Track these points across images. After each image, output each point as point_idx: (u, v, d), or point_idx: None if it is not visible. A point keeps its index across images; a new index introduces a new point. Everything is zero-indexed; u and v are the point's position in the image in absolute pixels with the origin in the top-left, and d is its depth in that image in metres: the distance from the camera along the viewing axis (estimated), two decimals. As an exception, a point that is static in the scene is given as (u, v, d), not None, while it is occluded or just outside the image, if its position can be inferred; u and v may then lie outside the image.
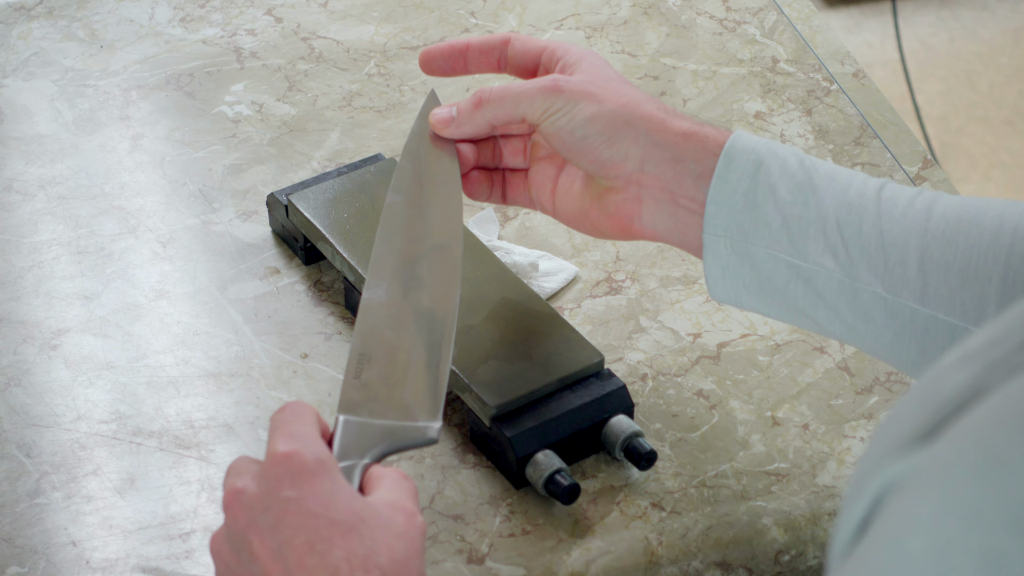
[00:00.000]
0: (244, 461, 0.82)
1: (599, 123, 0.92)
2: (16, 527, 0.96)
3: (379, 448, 0.85)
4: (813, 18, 1.34)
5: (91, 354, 1.06)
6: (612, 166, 0.93)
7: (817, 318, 0.91)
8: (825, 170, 0.91)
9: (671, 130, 0.92)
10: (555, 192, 0.98)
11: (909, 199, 0.89)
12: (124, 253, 1.13)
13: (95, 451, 1.00)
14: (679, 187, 0.92)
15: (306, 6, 1.33)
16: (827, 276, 0.89)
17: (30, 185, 1.18)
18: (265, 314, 1.09)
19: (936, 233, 0.88)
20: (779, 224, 0.90)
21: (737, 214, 0.90)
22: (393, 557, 0.78)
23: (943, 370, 0.59)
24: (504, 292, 1.03)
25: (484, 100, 0.95)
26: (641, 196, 0.93)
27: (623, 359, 1.06)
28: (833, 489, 0.98)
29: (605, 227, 0.96)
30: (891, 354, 0.90)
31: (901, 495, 0.55)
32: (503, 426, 0.97)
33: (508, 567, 0.94)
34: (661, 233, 0.94)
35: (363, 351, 0.89)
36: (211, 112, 1.24)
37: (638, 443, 0.97)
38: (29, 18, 1.32)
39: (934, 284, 0.87)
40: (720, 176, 0.90)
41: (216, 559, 0.81)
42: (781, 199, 0.90)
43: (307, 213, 1.09)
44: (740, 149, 0.91)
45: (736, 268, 0.91)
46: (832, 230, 0.89)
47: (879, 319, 0.89)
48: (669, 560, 0.95)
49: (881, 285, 0.88)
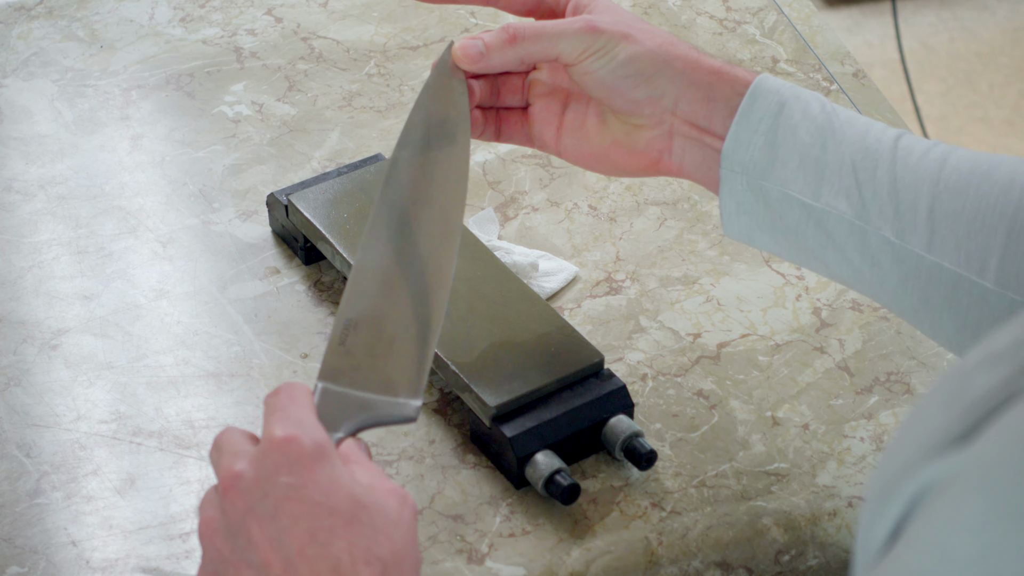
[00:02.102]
0: (236, 437, 0.80)
1: (639, 63, 0.93)
2: (16, 527, 0.96)
3: (355, 421, 0.83)
4: (813, 18, 1.34)
5: (91, 354, 1.06)
6: (648, 104, 0.93)
7: (826, 259, 0.92)
8: (846, 116, 0.92)
9: (704, 68, 0.93)
10: (561, 130, 0.97)
11: (925, 149, 0.90)
12: (124, 253, 1.13)
13: (95, 451, 1.00)
14: (708, 124, 0.93)
15: (306, 6, 1.33)
16: (838, 218, 0.90)
17: (30, 185, 1.18)
18: (265, 314, 1.09)
19: (948, 183, 0.89)
20: (796, 164, 0.91)
21: (755, 151, 0.91)
22: (393, 548, 0.77)
23: (969, 371, 0.59)
24: (504, 292, 1.03)
25: (520, 36, 0.94)
26: (673, 132, 0.94)
27: (623, 359, 1.06)
28: (833, 489, 0.98)
29: (628, 164, 0.96)
30: (894, 300, 0.91)
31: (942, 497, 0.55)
32: (503, 426, 0.97)
33: (508, 567, 0.94)
34: (687, 168, 0.95)
35: (350, 316, 0.87)
36: (211, 112, 1.24)
37: (638, 443, 0.97)
38: (29, 18, 1.32)
39: (941, 233, 0.88)
40: (743, 114, 0.92)
41: (207, 546, 0.79)
42: (800, 140, 0.91)
43: (307, 213, 1.09)
44: (765, 90, 0.92)
45: (751, 205, 0.92)
46: (847, 173, 0.90)
47: (885, 264, 0.90)
48: (669, 560, 0.95)
49: (890, 230, 0.89)
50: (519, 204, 1.17)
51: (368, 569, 0.76)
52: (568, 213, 1.16)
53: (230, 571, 0.78)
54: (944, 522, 0.54)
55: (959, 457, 0.56)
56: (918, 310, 0.91)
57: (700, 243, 1.14)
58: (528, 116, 0.98)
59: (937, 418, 0.58)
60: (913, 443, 0.59)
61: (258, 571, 0.77)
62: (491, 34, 0.94)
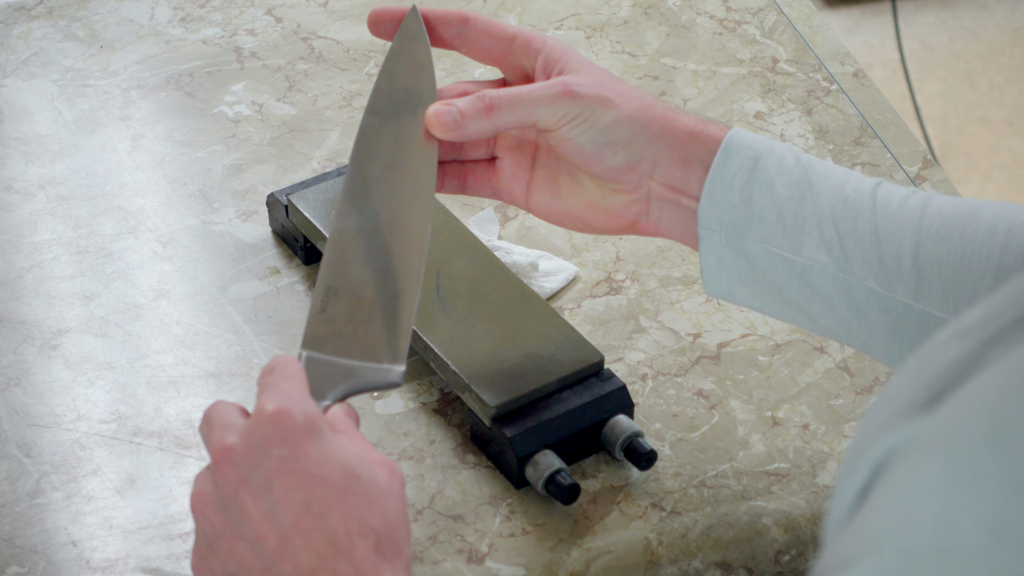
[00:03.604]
0: (227, 410, 0.80)
1: (619, 129, 0.91)
2: (16, 527, 0.96)
3: (341, 388, 0.84)
4: (813, 18, 1.34)
5: (91, 354, 1.06)
6: (627, 171, 0.92)
7: (812, 313, 0.91)
8: (822, 168, 0.91)
9: (680, 129, 0.92)
10: (531, 186, 0.96)
11: (904, 197, 0.90)
12: (124, 253, 1.13)
13: (95, 451, 1.00)
14: (684, 185, 0.92)
15: (306, 6, 1.33)
16: (821, 271, 0.90)
17: (30, 185, 1.18)
18: (265, 314, 1.09)
19: (931, 230, 0.88)
20: (774, 219, 0.90)
21: (732, 209, 0.91)
22: (386, 519, 0.77)
23: (938, 345, 0.60)
24: (504, 292, 1.03)
25: (495, 106, 0.90)
26: (650, 196, 0.93)
27: (623, 359, 1.06)
28: (833, 489, 0.98)
29: (603, 226, 0.95)
30: (884, 350, 0.91)
31: (904, 461, 0.56)
32: (503, 426, 0.97)
33: (508, 567, 0.94)
34: (664, 229, 0.94)
35: (330, 284, 0.87)
36: (211, 112, 1.24)
37: (638, 443, 0.97)
38: (29, 18, 1.32)
39: (928, 280, 0.88)
40: (716, 171, 0.91)
41: (199, 519, 0.79)
42: (777, 195, 0.90)
43: (307, 213, 1.09)
44: (738, 145, 0.91)
45: (731, 261, 0.92)
46: (827, 226, 0.90)
47: (872, 315, 0.89)
48: (669, 560, 0.95)
49: (875, 280, 0.89)
50: (519, 204, 1.16)
51: (363, 541, 0.76)
52: (568, 213, 1.16)
53: (224, 544, 0.78)
54: (905, 485, 0.55)
55: (922, 423, 0.56)
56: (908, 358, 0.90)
57: (700, 243, 1.14)
58: (495, 169, 0.97)
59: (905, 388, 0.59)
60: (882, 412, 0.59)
61: (252, 544, 0.77)
62: (465, 101, 0.91)
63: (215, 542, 0.78)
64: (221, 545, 0.78)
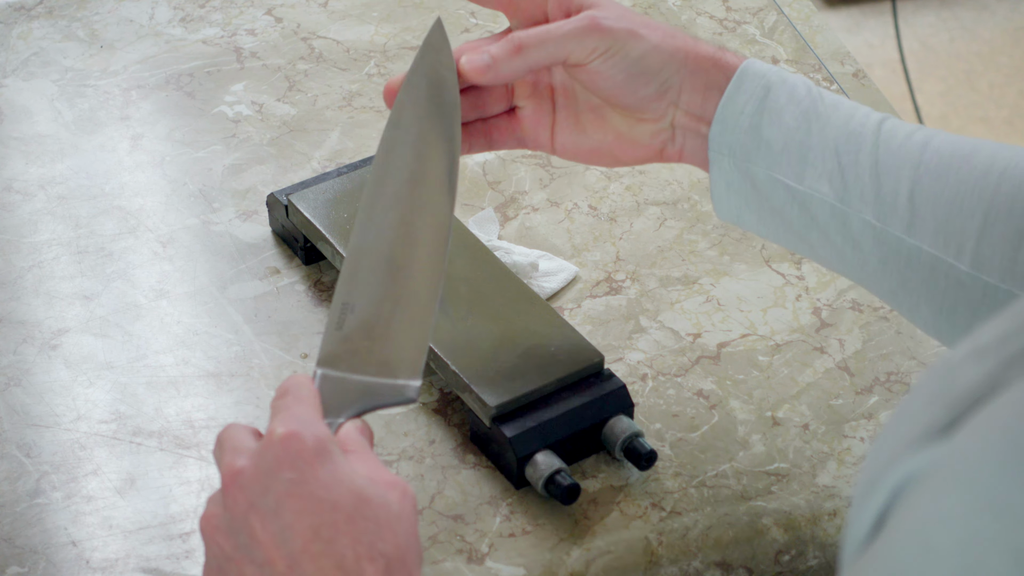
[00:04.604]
0: (239, 433, 0.80)
1: (649, 60, 0.93)
2: (16, 527, 0.96)
3: (356, 406, 0.83)
4: (813, 18, 1.34)
5: (91, 354, 1.06)
6: (656, 99, 0.94)
7: (810, 241, 0.93)
8: (831, 100, 0.93)
9: (702, 56, 0.93)
10: (555, 128, 0.97)
11: (908, 133, 0.91)
12: (124, 253, 1.13)
13: (95, 451, 1.00)
14: (703, 112, 0.94)
15: (306, 6, 1.33)
16: (821, 201, 0.91)
17: (30, 185, 1.18)
18: (265, 314, 1.09)
19: (929, 166, 0.90)
20: (781, 147, 0.92)
21: (741, 134, 0.92)
22: (397, 543, 0.76)
23: (954, 365, 0.59)
24: (504, 292, 1.03)
25: (524, 45, 0.91)
26: (674, 124, 0.94)
27: (623, 359, 1.06)
28: (833, 489, 0.98)
29: (630, 157, 0.96)
30: (874, 282, 0.92)
31: (923, 488, 0.55)
32: (503, 426, 0.97)
33: (508, 567, 0.94)
34: (687, 155, 0.95)
35: (347, 300, 0.87)
36: (211, 112, 1.24)
37: (638, 443, 0.97)
38: (29, 18, 1.32)
39: (921, 216, 0.89)
40: (729, 97, 0.92)
41: (209, 543, 0.78)
42: (785, 124, 0.92)
43: (307, 213, 1.09)
44: (752, 74, 0.93)
45: (739, 186, 0.93)
46: (830, 157, 0.91)
47: (866, 246, 0.91)
48: (669, 560, 0.95)
49: (871, 213, 0.90)
50: (519, 204, 1.17)
51: (372, 566, 0.76)
52: (568, 213, 1.16)
53: (233, 568, 0.78)
54: (925, 513, 0.54)
55: (941, 449, 0.56)
56: (896, 292, 0.92)
57: (700, 243, 1.14)
58: (517, 119, 0.98)
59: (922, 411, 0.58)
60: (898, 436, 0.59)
61: (261, 568, 0.76)
62: (496, 45, 0.92)
63: (224, 565, 0.78)
64: (230, 569, 0.78)
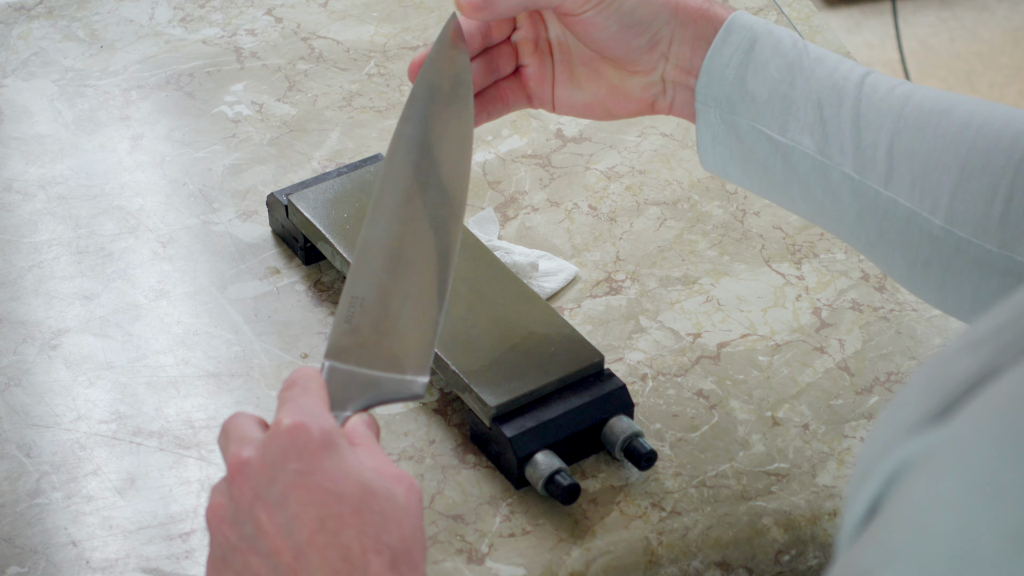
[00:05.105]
0: (244, 423, 0.80)
1: (643, 10, 0.93)
2: (16, 527, 0.96)
3: (363, 399, 0.83)
4: (813, 18, 1.34)
5: (91, 354, 1.06)
6: (647, 51, 0.94)
7: (791, 193, 0.94)
8: (816, 53, 0.94)
9: (692, 8, 0.94)
10: (554, 84, 0.98)
11: (890, 87, 0.92)
12: (124, 253, 1.13)
13: (95, 451, 1.00)
14: (691, 65, 0.94)
15: (306, 6, 1.33)
16: (802, 153, 0.92)
17: (30, 185, 1.18)
18: (265, 314, 1.09)
19: (909, 120, 0.91)
20: (765, 99, 0.93)
21: (727, 86, 0.93)
22: (402, 535, 0.76)
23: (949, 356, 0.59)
24: (504, 292, 1.03)
25: None
26: (664, 78, 0.95)
27: (623, 359, 1.06)
28: (833, 489, 0.98)
29: (623, 110, 0.97)
30: (852, 234, 0.93)
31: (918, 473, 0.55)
32: (503, 426, 0.97)
33: (508, 567, 0.94)
34: (676, 108, 0.96)
35: (355, 293, 0.87)
36: (211, 112, 1.24)
37: (638, 443, 0.97)
38: (29, 18, 1.32)
39: (899, 169, 0.90)
40: (716, 49, 0.93)
41: (214, 532, 0.78)
42: (770, 76, 0.93)
43: (307, 213, 1.09)
44: (739, 26, 0.94)
45: (724, 138, 0.94)
46: (812, 109, 0.92)
47: (845, 198, 0.92)
48: (669, 560, 0.95)
49: (850, 165, 0.91)
50: (519, 204, 1.17)
51: (378, 558, 0.76)
52: (568, 213, 1.16)
53: (238, 558, 0.77)
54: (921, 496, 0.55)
55: (936, 434, 0.56)
56: (874, 244, 0.93)
57: (700, 243, 1.14)
58: (524, 77, 0.99)
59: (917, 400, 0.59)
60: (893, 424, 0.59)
61: (267, 559, 0.76)
62: None
63: (229, 556, 0.78)
64: (235, 559, 0.77)
